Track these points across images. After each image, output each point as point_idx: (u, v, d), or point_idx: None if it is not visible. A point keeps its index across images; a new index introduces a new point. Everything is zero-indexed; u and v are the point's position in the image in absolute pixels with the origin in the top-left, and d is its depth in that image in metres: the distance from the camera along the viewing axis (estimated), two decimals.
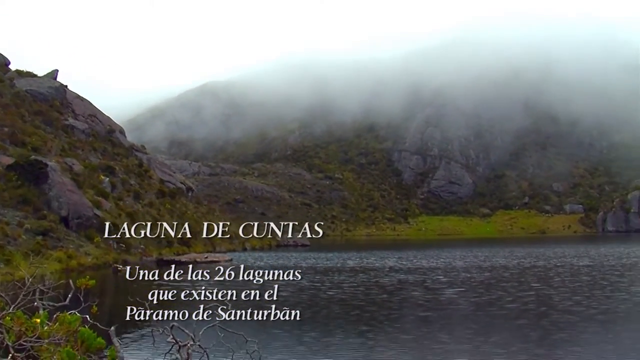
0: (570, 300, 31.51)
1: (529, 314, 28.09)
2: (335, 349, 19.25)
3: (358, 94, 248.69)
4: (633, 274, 46.99)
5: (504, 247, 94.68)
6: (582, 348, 20.62)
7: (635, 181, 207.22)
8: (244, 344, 11.03)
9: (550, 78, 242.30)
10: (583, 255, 70.14)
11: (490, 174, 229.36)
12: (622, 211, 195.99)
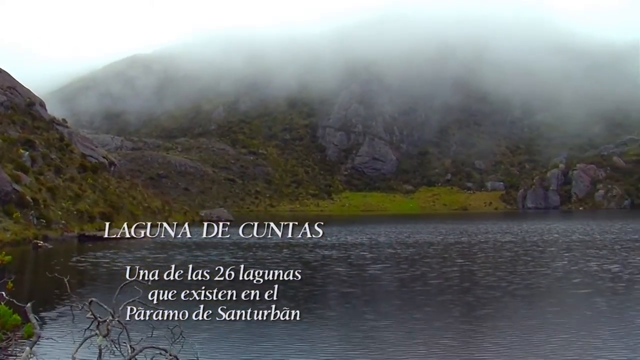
0: (494, 276, 31.56)
1: (453, 290, 28.01)
2: (258, 326, 18.69)
3: (293, 69, 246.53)
4: (554, 249, 47.47)
5: (428, 223, 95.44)
6: (505, 323, 20.57)
7: (555, 159, 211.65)
8: (165, 320, 10.44)
9: (481, 57, 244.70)
10: (506, 231, 70.97)
11: (414, 151, 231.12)
12: (541, 189, 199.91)
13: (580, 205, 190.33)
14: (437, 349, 16.86)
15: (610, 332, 18.82)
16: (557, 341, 17.66)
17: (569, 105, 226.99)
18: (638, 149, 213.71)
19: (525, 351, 16.70)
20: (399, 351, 16.48)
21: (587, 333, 18.55)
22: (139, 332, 10.87)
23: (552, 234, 65.03)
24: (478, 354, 16.67)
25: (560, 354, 16.35)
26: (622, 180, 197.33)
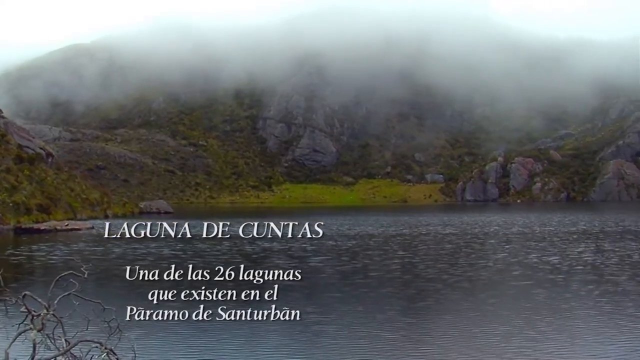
0: (435, 268, 31.62)
1: (395, 282, 27.93)
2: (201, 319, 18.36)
3: (241, 60, 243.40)
4: (494, 242, 47.84)
5: (368, 215, 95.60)
6: (446, 315, 20.49)
7: (494, 153, 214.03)
8: (101, 313, 10.14)
9: (425, 51, 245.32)
10: (446, 223, 71.42)
11: (354, 143, 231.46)
12: (480, 181, 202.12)
13: (518, 198, 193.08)
14: (379, 342, 16.70)
15: (550, 323, 18.87)
16: (498, 333, 17.65)
17: (509, 99, 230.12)
18: (574, 143, 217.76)
19: (467, 343, 16.65)
20: (339, 345, 16.26)
21: (528, 324, 18.58)
22: (74, 326, 10.50)
23: (492, 226, 65.64)
24: (420, 346, 16.56)
25: (501, 346, 16.34)
26: (559, 173, 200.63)
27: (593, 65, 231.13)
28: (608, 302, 22.04)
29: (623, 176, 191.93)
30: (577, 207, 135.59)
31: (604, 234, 53.26)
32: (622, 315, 20.03)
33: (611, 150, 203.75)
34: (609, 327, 18.37)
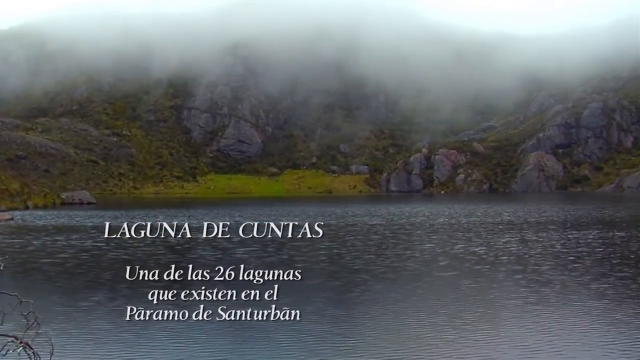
0: (362, 259, 31.65)
1: (322, 274, 27.81)
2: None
3: (173, 47, 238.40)
4: (421, 232, 48.25)
5: (294, 206, 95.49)
6: (374, 306, 20.45)
7: (418, 144, 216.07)
8: (18, 306, 9.91)
9: (356, 42, 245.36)
10: (373, 214, 71.75)
11: (280, 134, 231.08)
12: (404, 172, 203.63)
13: (442, 189, 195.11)
14: (305, 335, 16.59)
15: (477, 313, 19.05)
16: (426, 323, 17.72)
17: (436, 92, 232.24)
18: (497, 136, 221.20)
19: (394, 334, 16.67)
20: (267, 338, 16.09)
21: (455, 315, 18.71)
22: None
23: (418, 217, 66.16)
24: (347, 338, 16.53)
25: (429, 336, 16.39)
26: (482, 165, 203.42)
27: (518, 60, 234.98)
28: (533, 292, 22.34)
29: (543, 168, 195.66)
30: (500, 198, 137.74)
31: (528, 225, 54.18)
32: (547, 304, 20.34)
33: (532, 142, 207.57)
34: (535, 317, 18.60)
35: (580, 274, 26.65)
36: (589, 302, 20.85)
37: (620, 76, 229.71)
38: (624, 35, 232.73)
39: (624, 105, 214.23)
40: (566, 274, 26.70)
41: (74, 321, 16.08)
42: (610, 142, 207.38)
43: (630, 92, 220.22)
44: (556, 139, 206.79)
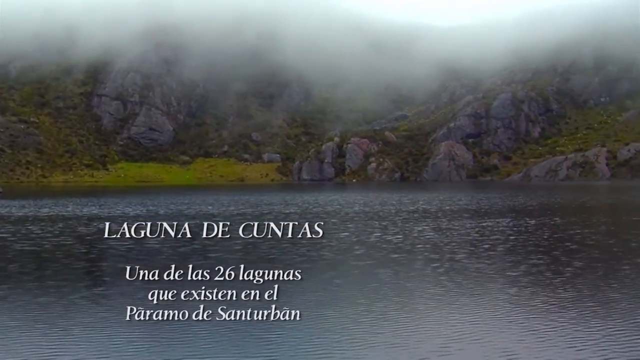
0: (278, 249, 31.23)
1: (237, 264, 27.27)
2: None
3: (95, 32, 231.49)
4: (336, 220, 48.12)
5: (208, 195, 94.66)
6: (290, 297, 20.16)
7: (330, 133, 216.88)
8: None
9: (278, 30, 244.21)
10: (288, 202, 71.54)
11: (191, 122, 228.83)
12: (316, 161, 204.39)
13: (353, 178, 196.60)
14: (219, 327, 16.16)
15: (395, 302, 18.95)
16: (344, 314, 17.54)
17: (349, 81, 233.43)
18: (408, 125, 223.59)
19: (313, 324, 16.44)
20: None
21: (373, 304, 18.56)
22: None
23: (333, 205, 66.23)
24: (261, 327, 16.25)
25: (347, 326, 16.23)
26: (393, 154, 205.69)
27: (435, 51, 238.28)
28: (450, 280, 22.37)
29: (454, 157, 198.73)
30: (412, 186, 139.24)
31: (442, 213, 54.65)
32: (464, 292, 20.37)
33: (443, 132, 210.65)
34: (453, 305, 18.59)
35: (496, 262, 26.90)
36: (506, 289, 20.96)
37: (529, 68, 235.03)
38: (534, 28, 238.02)
39: (532, 96, 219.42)
40: (482, 261, 26.87)
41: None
42: (518, 132, 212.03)
43: (538, 84, 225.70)
44: (466, 129, 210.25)
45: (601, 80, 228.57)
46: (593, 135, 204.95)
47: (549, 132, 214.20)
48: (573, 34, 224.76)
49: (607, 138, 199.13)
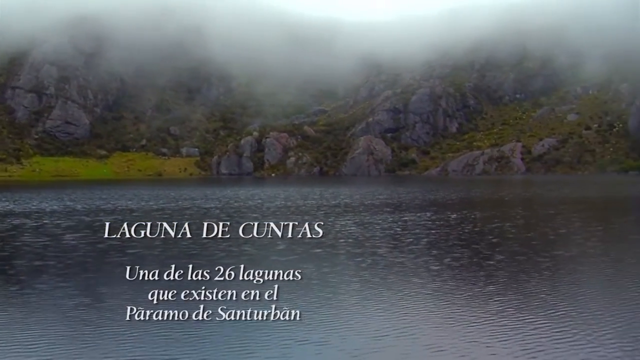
0: (198, 244, 30.93)
1: (157, 259, 26.92)
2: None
3: (18, 21, 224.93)
4: (257, 215, 47.96)
5: (127, 190, 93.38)
6: (211, 295, 19.93)
7: (249, 127, 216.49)
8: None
9: (201, 24, 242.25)
10: (209, 197, 71.07)
11: (108, 115, 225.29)
12: (235, 155, 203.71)
13: (272, 172, 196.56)
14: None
15: (318, 297, 18.89)
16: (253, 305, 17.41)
17: (270, 75, 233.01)
18: (327, 119, 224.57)
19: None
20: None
21: (296, 300, 18.46)
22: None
23: (254, 200, 65.99)
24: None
25: (269, 322, 16.12)
26: (312, 148, 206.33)
27: (357, 46, 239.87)
28: (374, 274, 22.43)
29: (372, 152, 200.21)
30: (331, 181, 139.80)
31: (364, 207, 54.93)
32: (388, 286, 20.45)
33: (361, 126, 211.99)
34: (377, 299, 18.62)
35: (419, 256, 27.04)
36: (429, 283, 21.10)
37: (447, 64, 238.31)
38: (454, 24, 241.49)
39: (450, 92, 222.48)
40: (405, 255, 27.01)
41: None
42: (436, 127, 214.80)
43: (456, 80, 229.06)
44: (385, 124, 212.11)
45: (516, 77, 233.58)
46: (508, 131, 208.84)
47: (466, 128, 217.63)
48: (491, 31, 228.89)
49: (522, 133, 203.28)
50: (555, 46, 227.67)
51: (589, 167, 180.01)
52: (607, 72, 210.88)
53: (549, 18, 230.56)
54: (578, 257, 27.18)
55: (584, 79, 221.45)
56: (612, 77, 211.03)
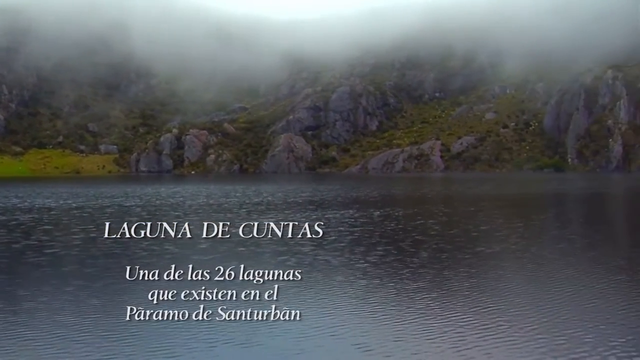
0: (119, 243, 30.30)
1: (76, 259, 26.33)
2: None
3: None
4: (179, 213, 47.42)
5: (44, 187, 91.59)
6: (134, 294, 19.58)
7: (169, 124, 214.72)
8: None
9: (126, 20, 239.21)
10: (130, 195, 70.12)
11: (24, 111, 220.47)
12: (155, 152, 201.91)
13: (192, 170, 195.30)
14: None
15: (246, 296, 18.68)
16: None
17: (193, 72, 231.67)
18: (247, 117, 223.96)
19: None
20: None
21: (221, 300, 18.24)
22: None
23: (176, 198, 65.36)
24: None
25: (203, 319, 15.88)
26: (232, 146, 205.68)
27: (280, 43, 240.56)
28: (299, 273, 22.27)
29: (292, 149, 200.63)
30: (252, 178, 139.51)
31: (287, 205, 54.89)
32: (311, 285, 20.35)
33: (282, 124, 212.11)
34: (300, 298, 18.54)
35: (343, 254, 26.91)
36: (355, 281, 21.03)
37: (368, 63, 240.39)
38: (376, 23, 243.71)
39: (370, 90, 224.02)
40: (329, 253, 26.83)
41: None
42: (356, 125, 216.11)
43: (376, 79, 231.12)
44: (305, 122, 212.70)
45: (436, 76, 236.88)
46: (428, 129, 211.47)
47: (386, 126, 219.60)
48: (414, 30, 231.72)
49: (441, 132, 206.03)
50: (477, 46, 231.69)
51: (506, 165, 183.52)
52: (524, 72, 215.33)
53: (473, 18, 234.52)
54: (500, 254, 27.58)
55: (502, 78, 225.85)
56: (528, 76, 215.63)
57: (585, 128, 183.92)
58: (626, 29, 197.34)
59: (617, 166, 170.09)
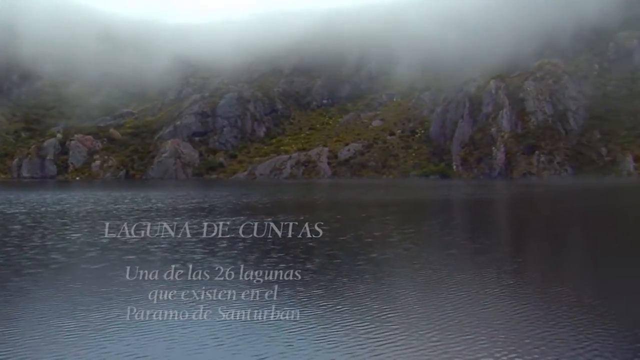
0: (1, 252, 29.64)
1: (234, 262, 25.57)
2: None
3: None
4: (67, 220, 46.31)
5: None
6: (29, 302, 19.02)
7: (52, 129, 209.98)
8: None
9: (16, 21, 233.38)
10: (13, 202, 68.30)
11: None
12: (38, 158, 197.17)
13: (77, 175, 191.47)
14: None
15: (139, 305, 18.40)
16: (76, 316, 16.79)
17: (76, 75, 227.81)
18: (134, 122, 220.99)
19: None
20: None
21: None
22: None
23: (62, 205, 63.89)
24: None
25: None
26: (118, 151, 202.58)
27: (170, 48, 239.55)
28: (191, 282, 22.04)
29: (180, 155, 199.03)
30: (139, 184, 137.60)
31: (177, 211, 54.30)
32: (207, 294, 20.11)
33: (169, 130, 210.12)
34: (198, 308, 18.26)
35: (235, 261, 26.56)
36: (246, 288, 20.82)
37: (256, 69, 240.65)
38: (266, 30, 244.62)
39: (258, 96, 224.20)
40: (220, 260, 26.52)
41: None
42: (244, 131, 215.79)
43: (265, 85, 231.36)
44: (192, 127, 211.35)
45: (324, 83, 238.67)
46: (315, 136, 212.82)
47: (274, 132, 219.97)
48: (304, 37, 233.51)
49: (328, 138, 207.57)
50: (368, 54, 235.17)
51: (393, 172, 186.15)
52: (411, 80, 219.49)
53: (366, 26, 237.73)
54: (394, 259, 27.91)
55: (390, 86, 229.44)
56: (416, 84, 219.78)
57: (470, 136, 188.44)
58: (510, 40, 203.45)
59: (500, 173, 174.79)
